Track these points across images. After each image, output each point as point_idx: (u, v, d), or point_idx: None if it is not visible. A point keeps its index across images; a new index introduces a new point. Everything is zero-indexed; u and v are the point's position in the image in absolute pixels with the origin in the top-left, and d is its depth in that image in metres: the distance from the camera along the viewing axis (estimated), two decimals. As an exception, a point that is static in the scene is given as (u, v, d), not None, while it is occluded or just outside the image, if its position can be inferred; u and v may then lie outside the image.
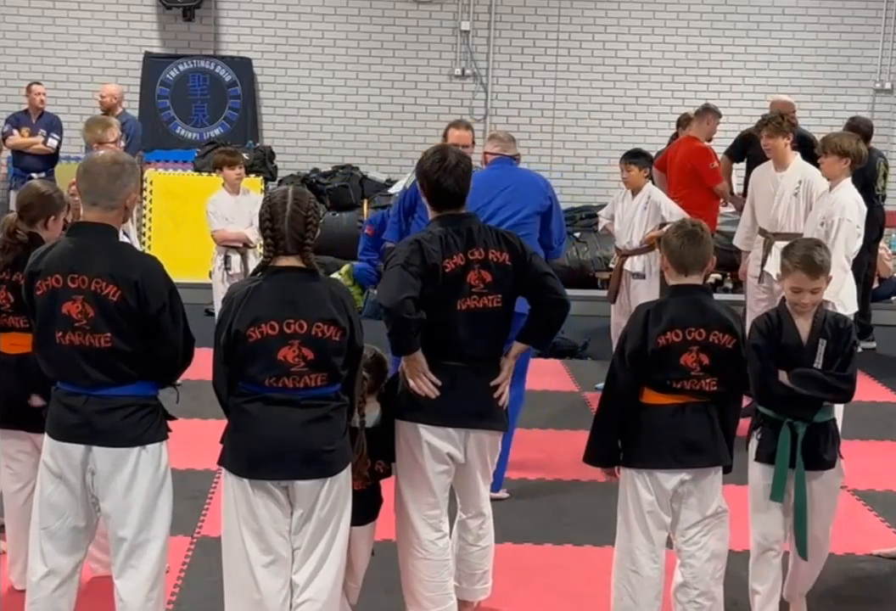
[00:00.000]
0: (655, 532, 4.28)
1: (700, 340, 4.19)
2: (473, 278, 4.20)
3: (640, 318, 4.27)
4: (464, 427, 4.27)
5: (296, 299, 3.78)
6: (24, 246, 4.43)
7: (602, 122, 13.18)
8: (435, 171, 4.23)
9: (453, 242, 4.19)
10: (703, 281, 4.37)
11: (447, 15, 13.06)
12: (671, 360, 4.18)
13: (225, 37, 13.03)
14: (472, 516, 4.48)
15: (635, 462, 4.28)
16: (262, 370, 3.76)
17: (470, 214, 4.36)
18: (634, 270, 8.02)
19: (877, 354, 9.86)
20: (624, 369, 4.26)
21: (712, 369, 4.21)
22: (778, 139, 7.45)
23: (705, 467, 4.26)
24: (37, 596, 3.97)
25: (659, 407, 4.24)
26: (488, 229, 4.34)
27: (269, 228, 3.82)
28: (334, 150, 12.96)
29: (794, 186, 7.41)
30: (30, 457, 4.56)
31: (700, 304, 4.26)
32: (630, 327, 4.32)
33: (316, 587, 3.88)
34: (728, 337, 4.22)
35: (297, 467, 3.79)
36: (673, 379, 4.20)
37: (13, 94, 12.23)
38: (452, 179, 4.23)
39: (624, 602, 4.33)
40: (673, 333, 4.19)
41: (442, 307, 4.17)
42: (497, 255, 4.24)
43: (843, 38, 13.20)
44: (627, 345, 4.26)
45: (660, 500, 4.25)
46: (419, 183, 4.34)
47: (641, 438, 4.26)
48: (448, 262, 4.16)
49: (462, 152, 4.40)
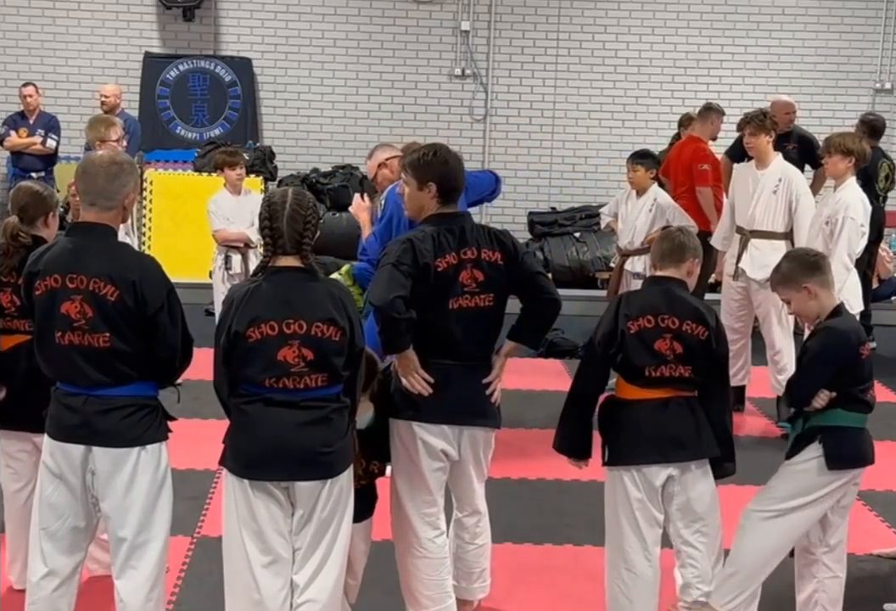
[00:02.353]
0: (647, 530, 4.28)
1: (673, 328, 4.23)
2: (466, 278, 4.21)
3: (613, 305, 4.37)
4: (458, 424, 4.29)
5: (295, 299, 3.78)
6: (28, 249, 4.43)
7: (602, 122, 13.17)
8: (443, 164, 4.24)
9: (446, 241, 4.20)
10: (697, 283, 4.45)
11: (447, 15, 13.05)
12: (645, 346, 4.22)
13: (225, 37, 13.01)
14: (469, 515, 4.50)
15: (621, 459, 4.29)
16: (262, 371, 3.76)
17: (463, 213, 4.38)
18: (635, 270, 8.02)
19: (877, 355, 9.84)
20: (594, 356, 4.31)
21: (685, 359, 4.23)
22: (760, 136, 7.44)
23: (690, 461, 4.27)
24: (36, 596, 3.97)
25: (641, 402, 4.26)
26: (481, 228, 4.35)
27: (269, 227, 3.82)
28: (334, 151, 12.94)
29: (774, 184, 7.40)
30: (30, 456, 4.56)
31: (672, 293, 4.31)
32: (604, 314, 4.39)
33: (317, 588, 3.88)
34: (701, 328, 4.26)
35: (295, 468, 3.79)
36: (650, 366, 4.21)
37: (13, 95, 12.22)
38: (460, 173, 4.30)
39: (619, 602, 4.34)
40: (645, 320, 4.24)
41: (434, 306, 4.18)
42: (489, 254, 4.25)
43: (843, 38, 13.19)
44: (599, 330, 4.32)
45: (649, 496, 4.26)
46: (425, 180, 4.27)
47: (625, 436, 4.28)
48: (440, 261, 4.17)
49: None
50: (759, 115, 7.52)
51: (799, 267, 4.35)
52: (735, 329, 7.51)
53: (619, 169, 10.78)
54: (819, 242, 6.83)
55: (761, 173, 7.48)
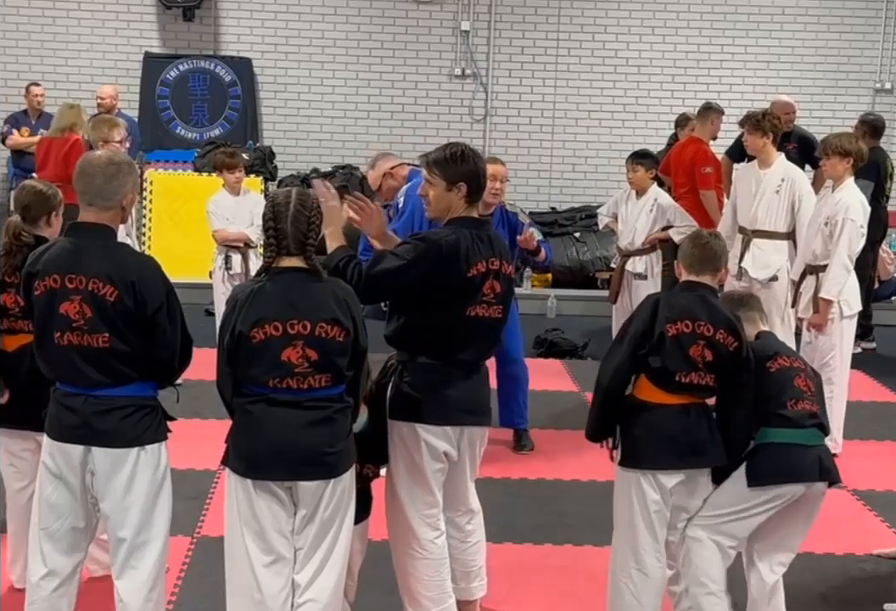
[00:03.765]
0: (661, 532, 4.29)
1: (707, 335, 4.21)
2: (487, 288, 4.22)
3: (650, 303, 4.31)
4: (459, 425, 4.29)
5: (299, 300, 3.78)
6: (31, 248, 4.42)
7: (602, 122, 13.17)
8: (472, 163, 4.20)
9: (477, 248, 4.19)
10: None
11: (447, 15, 13.05)
12: (681, 350, 4.20)
13: (225, 37, 13.02)
14: (461, 514, 4.49)
15: (642, 462, 4.27)
16: (266, 371, 3.76)
17: (485, 220, 4.37)
18: (636, 270, 8.01)
19: (877, 355, 9.86)
20: (621, 353, 4.26)
21: (713, 367, 4.22)
22: (756, 136, 7.43)
23: (704, 468, 4.29)
24: (36, 596, 3.97)
25: (664, 407, 4.24)
26: (499, 239, 4.37)
27: (273, 227, 3.81)
28: (334, 151, 12.94)
29: (777, 184, 7.39)
30: (34, 455, 4.54)
31: (708, 301, 4.30)
32: (638, 311, 4.34)
33: (318, 587, 3.87)
34: (732, 339, 4.24)
35: (298, 467, 3.79)
36: (682, 372, 4.20)
37: (13, 95, 12.22)
38: (486, 172, 4.30)
39: (626, 601, 4.32)
40: (683, 324, 4.21)
41: (453, 309, 4.17)
42: (506, 267, 4.30)
43: (843, 38, 13.19)
44: (632, 328, 4.27)
45: (664, 498, 4.26)
46: (456, 181, 4.19)
47: (647, 439, 4.25)
48: (473, 268, 4.16)
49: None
50: (758, 114, 7.51)
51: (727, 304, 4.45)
52: (736, 328, 7.51)
53: (619, 169, 10.77)
54: (818, 242, 6.83)
55: (764, 173, 7.48)
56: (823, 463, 4.30)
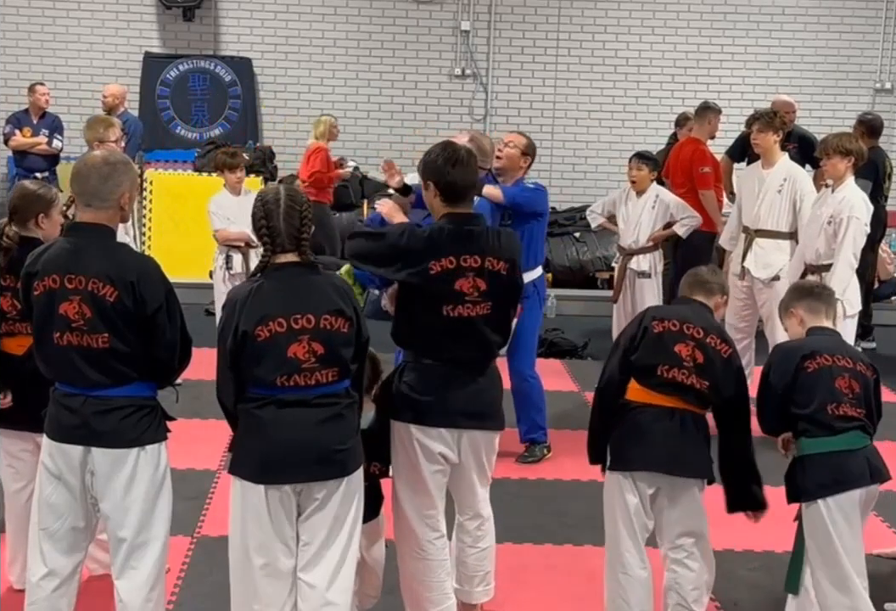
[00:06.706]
0: (641, 534, 4.30)
1: (698, 337, 4.24)
2: (467, 286, 4.16)
3: (642, 312, 4.44)
4: (456, 427, 4.25)
5: (301, 294, 3.76)
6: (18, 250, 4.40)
7: (602, 122, 13.18)
8: (445, 164, 4.19)
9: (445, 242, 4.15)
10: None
11: (447, 15, 13.05)
12: (664, 345, 4.23)
13: (225, 37, 13.02)
14: (470, 518, 4.46)
15: (618, 464, 4.29)
16: (273, 370, 3.72)
17: (476, 215, 4.33)
18: (640, 268, 8.00)
19: (877, 354, 9.85)
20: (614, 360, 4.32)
21: (704, 370, 4.22)
22: (768, 134, 7.44)
23: (684, 478, 4.24)
24: (36, 597, 3.97)
25: (646, 407, 4.24)
26: (493, 234, 4.30)
27: (265, 226, 3.79)
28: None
29: (779, 183, 7.41)
30: (32, 456, 4.54)
31: (701, 311, 4.36)
32: (631, 322, 4.46)
33: (337, 589, 3.84)
34: (725, 346, 4.27)
35: (313, 468, 3.75)
36: (663, 366, 4.20)
37: (13, 94, 12.23)
38: (463, 173, 4.20)
39: (616, 603, 4.36)
40: (671, 323, 4.26)
41: (429, 311, 4.16)
42: (494, 263, 4.21)
43: (843, 38, 13.20)
44: (623, 337, 4.36)
45: (643, 502, 4.27)
46: (426, 179, 4.25)
47: (623, 439, 4.27)
48: (434, 264, 4.12)
49: (470, 148, 4.41)
50: (769, 113, 7.57)
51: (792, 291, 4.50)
52: (739, 328, 7.53)
53: (619, 169, 10.79)
54: (821, 241, 6.83)
55: (766, 173, 7.49)
56: (872, 463, 4.24)
